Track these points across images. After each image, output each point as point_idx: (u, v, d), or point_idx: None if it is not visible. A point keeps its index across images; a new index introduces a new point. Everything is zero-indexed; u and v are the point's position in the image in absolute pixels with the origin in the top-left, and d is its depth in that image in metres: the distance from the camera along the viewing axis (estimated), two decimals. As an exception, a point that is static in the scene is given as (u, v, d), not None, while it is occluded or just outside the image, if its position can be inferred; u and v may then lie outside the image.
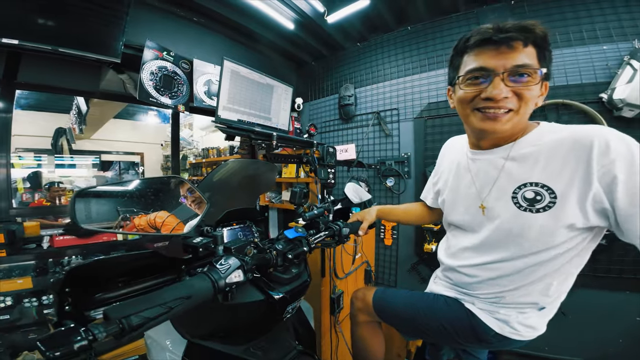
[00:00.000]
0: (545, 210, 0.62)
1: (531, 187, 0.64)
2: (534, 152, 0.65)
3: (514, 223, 0.67)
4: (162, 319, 0.38)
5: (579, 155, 0.58)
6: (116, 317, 0.34)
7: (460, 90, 0.68)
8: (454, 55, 0.71)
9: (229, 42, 2.35)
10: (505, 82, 0.60)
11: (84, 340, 0.32)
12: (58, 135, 3.94)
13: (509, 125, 0.64)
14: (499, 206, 0.70)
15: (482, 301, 0.78)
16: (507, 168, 0.68)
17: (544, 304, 0.71)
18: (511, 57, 0.60)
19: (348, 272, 1.77)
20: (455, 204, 0.85)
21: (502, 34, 0.59)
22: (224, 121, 1.20)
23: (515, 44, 0.59)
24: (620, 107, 1.53)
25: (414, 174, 2.27)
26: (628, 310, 1.56)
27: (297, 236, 0.76)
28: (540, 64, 0.61)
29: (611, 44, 1.63)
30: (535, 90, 0.61)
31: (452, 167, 0.86)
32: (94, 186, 0.68)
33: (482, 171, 0.75)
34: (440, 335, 0.86)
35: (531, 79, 0.60)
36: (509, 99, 0.61)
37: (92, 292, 0.45)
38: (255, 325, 0.73)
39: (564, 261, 0.65)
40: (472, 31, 0.65)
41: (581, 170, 0.57)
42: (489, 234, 0.73)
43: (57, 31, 1.48)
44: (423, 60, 2.25)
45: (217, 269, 0.49)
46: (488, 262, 0.74)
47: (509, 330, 0.74)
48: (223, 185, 0.98)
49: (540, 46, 0.61)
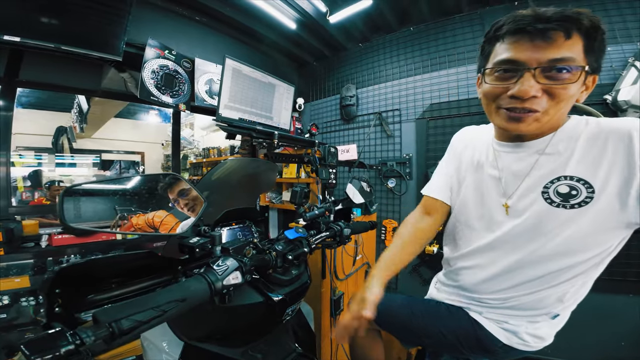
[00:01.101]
0: (581, 205, 0.56)
1: (565, 181, 0.58)
2: (568, 146, 0.59)
3: (542, 220, 0.61)
4: (155, 323, 0.36)
5: (616, 147, 0.53)
6: (106, 321, 0.33)
7: (486, 83, 0.62)
8: (485, 42, 0.63)
9: (231, 42, 2.34)
10: (537, 79, 0.53)
11: (71, 345, 0.30)
12: (59, 133, 3.94)
13: (535, 125, 0.58)
14: (525, 203, 0.64)
15: (491, 309, 0.73)
16: (541, 162, 0.62)
17: (557, 311, 0.67)
18: (549, 50, 0.52)
19: (349, 274, 1.75)
20: (473, 201, 0.76)
21: (540, 24, 0.51)
22: (225, 119, 1.19)
23: (554, 35, 0.51)
24: (625, 108, 1.52)
25: (415, 175, 2.26)
26: (631, 313, 1.56)
27: (298, 237, 0.75)
28: (587, 57, 0.53)
29: (616, 46, 1.62)
30: (573, 89, 0.53)
31: (474, 161, 0.77)
32: (83, 183, 0.66)
33: (512, 166, 0.67)
34: (442, 345, 0.81)
35: (571, 75, 0.52)
36: (538, 99, 0.54)
37: (84, 293, 0.43)
38: (254, 328, 0.71)
39: (588, 266, 0.61)
40: (507, 16, 0.57)
41: (621, 163, 0.53)
42: (508, 233, 0.67)
43: (60, 29, 1.47)
44: (426, 61, 2.24)
45: (214, 271, 0.47)
46: (503, 262, 0.69)
47: (517, 341, 0.70)
48: (222, 184, 0.96)
49: (590, 37, 0.53)
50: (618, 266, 1.55)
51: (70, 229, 1.32)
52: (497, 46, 0.59)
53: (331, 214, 0.96)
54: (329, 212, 0.94)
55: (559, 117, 0.59)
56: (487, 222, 0.72)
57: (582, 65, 0.52)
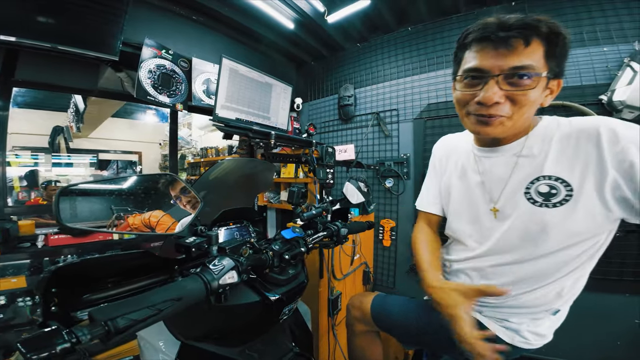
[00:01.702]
0: (562, 204, 0.58)
1: (544, 180, 0.61)
2: (543, 147, 0.62)
3: (529, 221, 0.63)
4: (151, 322, 0.37)
5: (587, 145, 0.56)
6: (102, 319, 0.33)
7: (457, 90, 0.66)
8: (457, 49, 0.67)
9: (229, 41, 2.34)
10: (500, 85, 0.56)
11: (67, 343, 0.31)
12: (55, 133, 3.92)
13: (501, 129, 0.61)
14: (511, 205, 0.66)
15: (491, 308, 0.73)
16: (519, 164, 0.65)
17: (558, 307, 0.68)
18: (510, 57, 0.54)
19: (346, 273, 1.75)
20: (463, 208, 0.78)
21: (502, 32, 0.54)
22: (221, 119, 1.19)
23: (515, 43, 0.54)
24: (620, 109, 1.53)
25: (413, 175, 2.26)
26: (627, 313, 1.56)
27: (295, 236, 0.75)
28: (548, 63, 0.56)
29: (611, 46, 1.62)
30: (533, 95, 0.56)
31: (458, 168, 0.80)
32: (80, 183, 0.66)
33: (493, 170, 0.70)
34: (442, 345, 0.81)
35: (531, 82, 0.55)
36: (501, 105, 0.57)
37: (80, 292, 0.43)
38: (251, 327, 0.71)
39: (582, 260, 0.62)
40: (474, 24, 0.60)
41: (593, 160, 0.55)
42: (500, 236, 0.68)
43: (56, 29, 1.47)
44: (423, 61, 2.24)
45: (210, 270, 0.48)
46: (499, 264, 0.70)
47: (519, 340, 0.71)
48: (219, 184, 0.96)
49: (550, 42, 0.55)
50: (614, 266, 1.57)
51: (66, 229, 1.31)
52: (467, 53, 0.62)
53: (328, 214, 0.96)
54: (326, 212, 0.94)
55: (525, 121, 0.61)
56: (479, 227, 0.74)
57: (541, 72, 0.55)
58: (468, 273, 0.77)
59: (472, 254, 0.75)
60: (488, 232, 0.71)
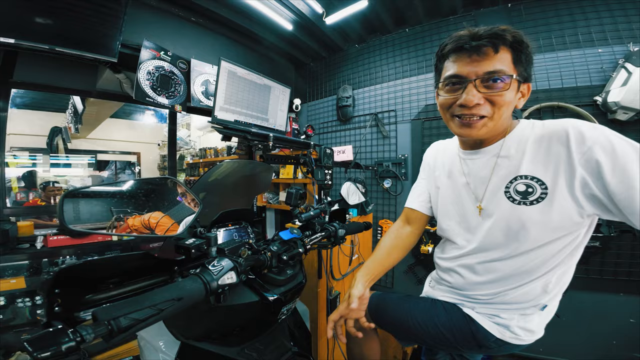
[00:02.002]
0: (538, 201, 0.62)
1: (522, 180, 0.65)
2: (519, 148, 0.67)
3: (510, 218, 0.67)
4: (152, 321, 0.38)
5: (558, 146, 0.60)
6: (105, 319, 0.34)
7: (440, 96, 0.71)
8: (437, 61, 0.73)
9: (227, 42, 2.35)
10: (478, 89, 0.62)
11: (72, 342, 0.32)
12: (53, 134, 3.91)
13: (484, 130, 0.66)
14: (493, 203, 0.71)
15: (483, 304, 0.77)
16: (499, 165, 0.70)
17: (545, 302, 0.71)
18: (483, 64, 0.61)
19: (345, 274, 1.76)
20: (451, 208, 0.83)
21: (473, 41, 0.61)
22: (220, 122, 1.20)
23: (486, 50, 0.60)
24: (615, 109, 1.54)
25: (411, 176, 2.28)
26: (621, 312, 1.58)
27: (292, 237, 0.76)
28: (516, 68, 0.62)
29: (606, 47, 1.64)
30: (508, 96, 0.62)
31: (445, 170, 0.85)
32: (85, 187, 0.68)
33: (476, 171, 0.75)
34: (439, 342, 0.84)
35: (504, 84, 0.61)
36: (482, 105, 0.63)
37: (82, 293, 0.44)
38: (250, 327, 0.72)
39: (564, 255, 0.66)
40: (449, 37, 0.67)
41: (563, 160, 0.59)
42: (485, 234, 0.72)
43: (54, 30, 1.47)
44: (421, 62, 2.26)
45: (209, 271, 0.49)
46: (487, 260, 0.73)
47: (509, 335, 0.73)
48: (218, 185, 0.97)
49: (515, 49, 0.62)
50: (609, 265, 1.59)
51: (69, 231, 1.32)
52: (446, 63, 0.68)
53: (326, 215, 0.97)
54: (324, 213, 0.95)
55: (504, 121, 0.66)
56: (467, 226, 0.78)
57: (512, 74, 0.61)
58: (458, 271, 0.81)
59: (462, 252, 0.79)
60: (475, 230, 0.76)
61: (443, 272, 0.88)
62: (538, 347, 1.68)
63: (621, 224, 1.53)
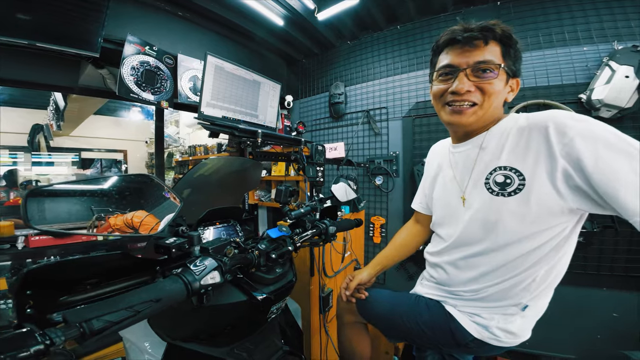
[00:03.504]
0: (516, 193, 0.63)
1: (500, 171, 0.66)
2: (500, 139, 0.68)
3: (488, 210, 0.68)
4: (128, 323, 0.36)
5: (538, 137, 0.60)
6: (76, 321, 0.32)
7: (433, 86, 0.74)
8: (432, 56, 0.77)
9: (217, 38, 2.29)
10: (468, 77, 0.66)
11: (40, 345, 0.30)
12: (35, 132, 3.77)
13: (474, 118, 0.68)
14: (474, 194, 0.72)
15: (465, 301, 0.76)
16: (481, 156, 0.71)
17: (526, 301, 0.69)
18: (474, 54, 0.65)
19: (337, 271, 1.76)
20: (440, 202, 0.86)
21: (465, 33, 0.65)
22: (207, 118, 1.17)
23: (476, 42, 0.64)
24: (598, 107, 1.58)
25: (402, 173, 2.29)
26: (605, 307, 1.61)
27: (281, 235, 0.75)
28: (505, 60, 0.65)
29: (592, 45, 1.67)
30: (497, 85, 0.65)
31: (438, 166, 0.88)
32: (50, 184, 0.64)
33: (461, 162, 0.77)
34: (421, 339, 0.84)
35: (493, 73, 0.64)
36: (473, 93, 0.66)
37: (57, 294, 0.42)
38: (239, 327, 0.71)
39: (545, 251, 0.64)
40: (444, 32, 0.70)
41: (543, 151, 0.59)
42: (466, 225, 0.73)
43: (33, 25, 1.40)
44: (412, 59, 2.26)
45: (191, 271, 0.47)
46: (468, 255, 0.74)
47: (488, 336, 0.72)
48: (204, 183, 0.95)
49: (504, 44, 0.65)
50: (592, 260, 1.63)
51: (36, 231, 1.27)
52: (440, 56, 0.72)
53: (317, 213, 0.96)
54: (315, 211, 0.94)
55: (493, 111, 0.69)
56: (454, 219, 0.78)
57: (500, 64, 0.64)
58: (443, 266, 0.81)
59: (445, 245, 0.80)
60: (457, 222, 0.77)
61: (430, 267, 0.89)
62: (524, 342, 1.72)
63: (604, 220, 1.58)
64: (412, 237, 1.05)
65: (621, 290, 1.59)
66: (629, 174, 0.49)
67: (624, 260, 1.58)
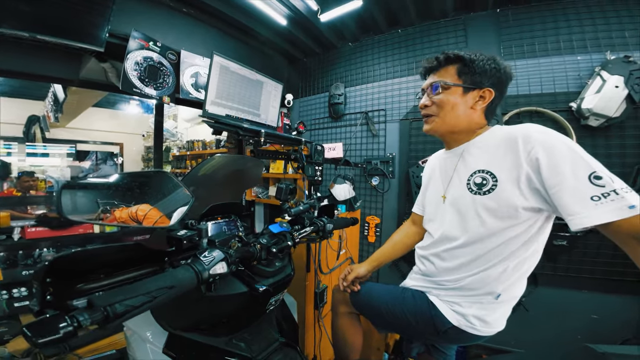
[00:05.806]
0: (489, 192, 0.74)
1: (479, 173, 0.77)
2: (482, 147, 0.80)
3: (467, 206, 0.78)
4: (146, 308, 0.39)
5: (511, 147, 0.71)
6: (101, 305, 0.35)
7: None
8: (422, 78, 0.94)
9: (219, 35, 2.30)
10: (428, 95, 0.85)
11: (70, 327, 0.33)
12: (31, 123, 3.74)
13: (433, 125, 0.86)
14: (456, 193, 0.83)
15: (447, 291, 0.84)
16: (461, 162, 0.84)
17: (499, 291, 0.77)
18: (431, 78, 0.85)
19: (332, 268, 1.80)
20: (429, 201, 0.98)
21: (427, 64, 0.87)
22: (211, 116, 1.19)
23: (433, 70, 0.85)
24: (587, 116, 1.63)
25: (397, 174, 2.34)
26: (585, 308, 1.67)
27: (282, 231, 0.78)
28: (460, 77, 0.80)
29: (585, 55, 1.70)
30: (447, 98, 0.81)
31: (431, 171, 0.99)
32: (81, 178, 0.67)
33: (447, 166, 0.89)
34: (407, 328, 0.91)
35: (439, 89, 0.82)
36: (429, 107, 0.85)
37: (74, 282, 0.45)
38: (238, 317, 0.74)
39: (516, 245, 0.73)
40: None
41: (513, 158, 0.70)
42: (448, 221, 0.84)
43: (37, 17, 1.40)
44: (411, 63, 2.30)
45: (201, 261, 0.50)
46: (450, 248, 0.83)
47: (465, 324, 0.80)
48: (208, 179, 0.97)
49: (459, 63, 0.80)
50: (575, 263, 1.69)
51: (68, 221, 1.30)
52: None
53: (315, 210, 1.00)
54: (313, 209, 0.98)
55: (457, 118, 0.82)
56: (439, 215, 0.90)
57: (450, 82, 0.80)
58: (430, 258, 0.90)
59: (433, 240, 0.90)
60: (442, 218, 0.88)
61: (419, 260, 0.97)
62: (509, 341, 1.77)
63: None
64: (408, 237, 1.13)
65: (601, 292, 1.65)
66: (571, 179, 0.59)
67: (604, 263, 1.64)
